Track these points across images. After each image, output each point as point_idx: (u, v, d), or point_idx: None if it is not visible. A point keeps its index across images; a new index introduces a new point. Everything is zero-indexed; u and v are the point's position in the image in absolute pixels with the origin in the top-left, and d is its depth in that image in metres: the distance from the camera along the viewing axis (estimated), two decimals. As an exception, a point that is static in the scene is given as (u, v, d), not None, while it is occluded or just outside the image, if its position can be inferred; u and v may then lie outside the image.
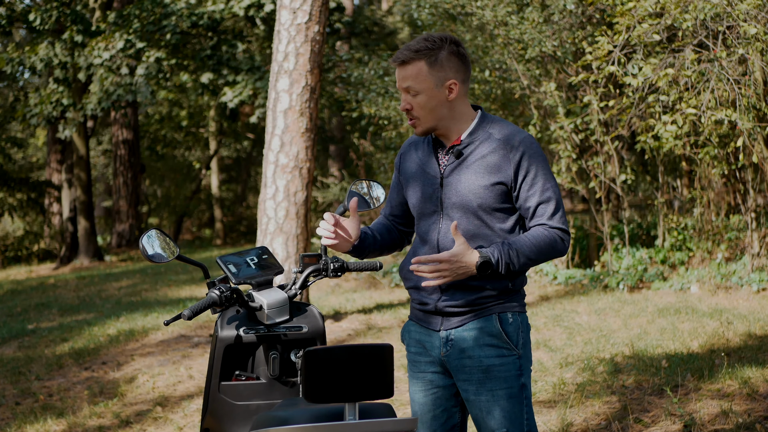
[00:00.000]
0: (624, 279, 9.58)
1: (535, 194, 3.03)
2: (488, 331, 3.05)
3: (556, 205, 3.04)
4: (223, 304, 3.22)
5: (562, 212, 3.06)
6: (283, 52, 8.47)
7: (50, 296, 13.51)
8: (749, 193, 9.52)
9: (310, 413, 2.83)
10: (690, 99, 8.68)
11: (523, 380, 3.07)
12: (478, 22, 11.56)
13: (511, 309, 3.08)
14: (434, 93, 3.04)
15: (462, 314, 3.08)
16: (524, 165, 3.02)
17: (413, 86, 3.03)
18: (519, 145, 3.03)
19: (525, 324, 3.11)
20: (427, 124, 3.08)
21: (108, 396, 6.74)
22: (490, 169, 3.03)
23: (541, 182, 3.03)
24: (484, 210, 3.04)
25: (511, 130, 3.07)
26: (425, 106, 3.04)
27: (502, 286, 3.04)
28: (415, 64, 3.03)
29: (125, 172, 22.94)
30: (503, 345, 3.04)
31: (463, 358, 3.07)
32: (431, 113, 3.06)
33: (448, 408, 3.20)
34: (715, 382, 5.68)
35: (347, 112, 16.02)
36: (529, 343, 3.12)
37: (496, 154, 3.03)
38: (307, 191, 8.48)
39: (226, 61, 17.53)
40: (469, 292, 3.04)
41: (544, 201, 3.03)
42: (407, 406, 5.89)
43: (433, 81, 3.03)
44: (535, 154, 3.04)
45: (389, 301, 10.06)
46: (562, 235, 3.03)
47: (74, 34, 16.94)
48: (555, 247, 3.02)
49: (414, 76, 3.03)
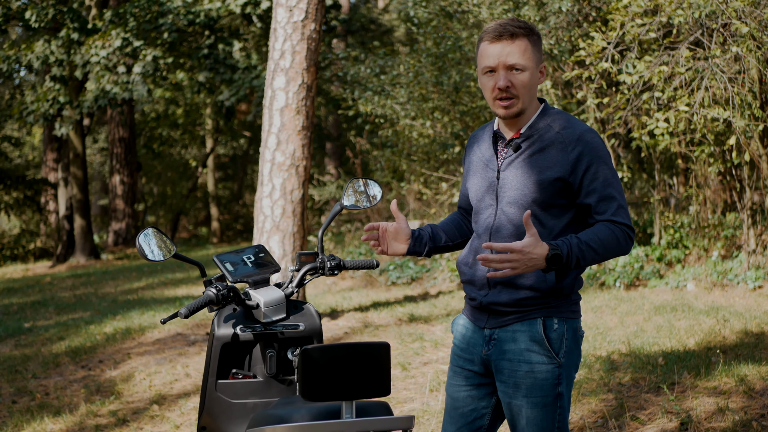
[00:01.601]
0: (620, 277, 9.58)
1: (596, 190, 2.93)
2: (530, 335, 2.97)
3: (620, 201, 2.94)
4: (219, 302, 3.22)
5: (626, 209, 2.96)
6: (279, 49, 8.47)
7: (46, 294, 13.50)
8: (745, 191, 9.52)
9: (307, 411, 2.83)
10: (683, 96, 8.69)
11: (561, 389, 2.98)
12: (474, 19, 11.56)
13: (558, 314, 2.98)
14: (534, 73, 2.97)
15: (507, 314, 3.00)
16: (584, 160, 2.92)
17: (520, 62, 2.93)
18: (579, 139, 2.94)
19: (572, 331, 3.00)
20: (522, 105, 2.97)
21: (105, 394, 6.73)
22: (548, 163, 2.94)
23: (602, 178, 2.93)
24: (539, 205, 2.95)
25: (572, 124, 2.99)
26: (527, 85, 2.95)
27: (547, 287, 2.95)
28: (523, 40, 2.94)
29: (121, 170, 22.92)
30: (544, 352, 2.96)
31: (503, 359, 3.00)
32: (529, 93, 2.96)
33: (478, 408, 3.14)
34: (712, 379, 5.69)
35: (343, 110, 16.03)
36: (574, 352, 3.02)
37: (554, 149, 2.95)
38: (303, 189, 8.48)
39: (223, 60, 17.52)
40: (516, 291, 2.96)
41: (607, 197, 2.93)
42: (404, 404, 5.90)
43: (534, 60, 2.97)
44: (596, 149, 2.94)
45: (386, 300, 10.06)
46: (628, 231, 2.93)
47: (71, 31, 16.92)
48: (620, 244, 2.91)
49: (522, 52, 2.93)
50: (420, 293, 10.50)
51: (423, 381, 6.37)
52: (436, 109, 12.03)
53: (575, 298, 3.04)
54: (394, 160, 13.26)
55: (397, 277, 11.48)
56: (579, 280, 3.04)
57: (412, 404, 5.85)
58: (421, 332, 7.99)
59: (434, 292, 10.43)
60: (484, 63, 2.98)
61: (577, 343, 3.03)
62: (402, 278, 11.46)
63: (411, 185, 13.25)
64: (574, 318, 3.02)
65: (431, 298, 10.01)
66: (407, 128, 12.62)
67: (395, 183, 13.63)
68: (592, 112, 9.82)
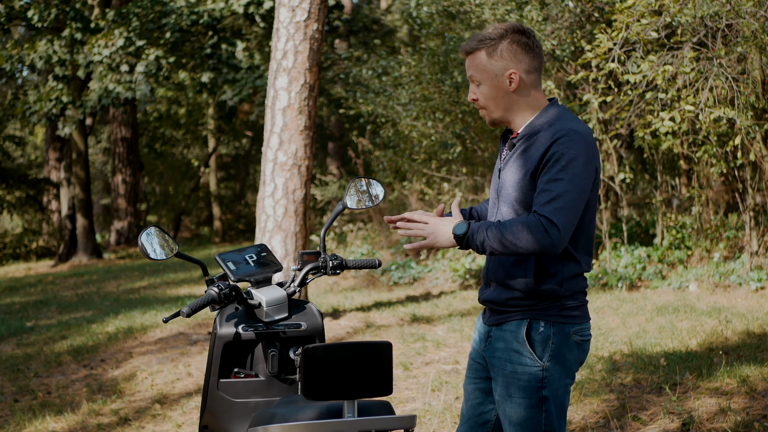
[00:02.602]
0: (622, 277, 9.58)
1: (542, 182, 2.85)
2: (516, 336, 2.97)
3: (557, 195, 2.81)
4: (222, 301, 3.22)
5: (560, 204, 2.80)
6: (281, 49, 8.47)
7: (49, 294, 13.52)
8: (748, 192, 9.52)
9: (309, 410, 2.83)
10: (688, 96, 8.69)
11: (546, 393, 2.95)
12: (477, 20, 11.56)
13: (545, 317, 2.95)
14: (495, 83, 3.01)
15: (501, 312, 3.02)
16: (550, 156, 2.86)
17: (475, 76, 3.04)
18: (554, 134, 2.89)
19: (561, 335, 2.96)
20: (493, 114, 3.06)
21: (107, 393, 6.74)
22: (527, 161, 2.94)
23: (555, 170, 2.83)
24: (521, 204, 2.96)
25: (560, 121, 2.94)
26: (488, 96, 3.03)
27: (528, 289, 2.94)
28: (477, 55, 3.03)
29: (124, 169, 22.94)
30: (527, 353, 2.95)
31: (494, 357, 3.02)
32: (494, 103, 3.03)
33: (485, 402, 3.16)
34: (714, 380, 5.69)
35: (344, 110, 16.03)
36: (567, 357, 2.98)
37: (534, 147, 2.93)
38: (305, 189, 8.49)
39: (226, 60, 17.53)
40: (505, 290, 2.99)
41: (545, 190, 2.83)
42: (405, 403, 5.90)
43: (492, 70, 3.01)
44: (568, 144, 2.86)
45: (387, 299, 10.06)
46: (546, 223, 2.77)
47: (73, 31, 16.94)
48: (532, 233, 2.77)
49: (475, 66, 3.03)
50: (422, 293, 10.50)
51: (425, 381, 6.37)
52: (437, 109, 12.03)
53: (570, 302, 2.99)
54: (397, 160, 13.27)
55: (399, 277, 11.48)
56: (574, 283, 2.98)
57: (414, 404, 5.85)
58: (423, 332, 7.99)
59: (436, 292, 10.43)
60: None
61: (570, 349, 2.98)
62: (404, 278, 11.46)
63: (413, 185, 13.25)
64: (565, 323, 2.97)
65: (433, 298, 10.01)
66: (409, 128, 12.62)
67: (397, 183, 13.63)
68: (594, 113, 9.81)
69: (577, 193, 2.84)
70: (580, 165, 2.85)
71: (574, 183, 2.83)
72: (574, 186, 2.83)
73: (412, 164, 13.08)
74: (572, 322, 2.99)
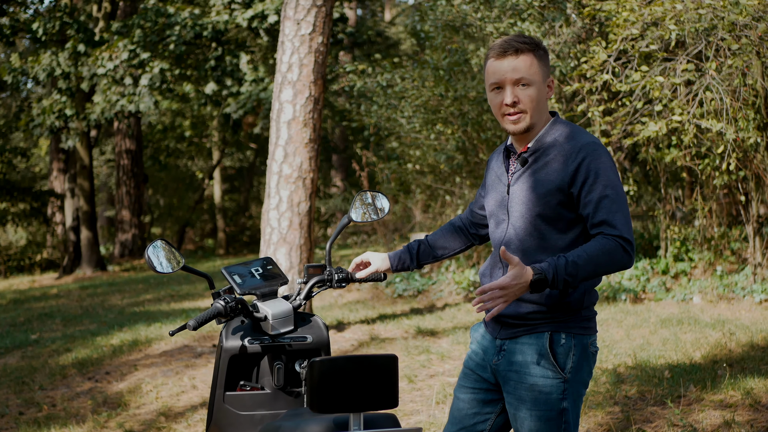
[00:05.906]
0: (626, 290, 9.59)
1: (592, 201, 2.86)
2: (537, 349, 2.96)
3: (617, 212, 2.84)
4: (228, 314, 3.23)
5: (624, 220, 2.85)
6: (287, 63, 8.51)
7: (53, 306, 13.53)
8: (751, 204, 9.53)
9: (315, 423, 2.84)
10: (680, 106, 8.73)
11: (566, 404, 2.96)
12: (480, 33, 11.60)
13: (566, 329, 2.96)
14: (541, 87, 2.98)
15: (516, 326, 3.01)
16: (583, 171, 2.87)
17: (527, 77, 2.94)
18: (580, 149, 2.90)
19: (580, 347, 2.98)
20: (530, 120, 2.97)
21: (111, 406, 6.75)
22: (549, 176, 2.92)
23: (600, 189, 2.85)
24: (544, 220, 2.94)
25: (576, 135, 2.96)
26: (535, 99, 2.96)
27: (552, 302, 2.93)
28: (528, 56, 2.95)
29: (128, 181, 22.99)
30: (549, 366, 2.94)
31: (510, 371, 3.01)
32: (537, 107, 2.96)
33: (482, 413, 3.15)
34: (718, 392, 5.69)
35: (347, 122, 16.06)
36: (584, 368, 3.00)
37: (556, 161, 2.92)
38: (310, 201, 8.51)
39: (230, 72, 17.58)
40: (519, 304, 2.97)
41: (602, 209, 2.85)
42: (410, 416, 5.90)
43: (541, 75, 2.97)
44: (597, 159, 2.89)
45: (392, 312, 10.07)
46: (622, 243, 2.81)
47: (77, 44, 17.00)
48: (614, 258, 2.80)
49: (527, 67, 2.94)
50: (426, 305, 10.51)
51: (429, 393, 6.37)
52: (440, 121, 12.05)
53: (587, 314, 3.01)
54: (400, 173, 13.29)
55: (404, 289, 11.49)
56: (592, 294, 3.01)
57: (419, 416, 5.86)
58: (428, 345, 7.99)
59: (440, 305, 10.44)
60: (491, 80, 2.99)
61: (587, 360, 3.01)
62: (408, 291, 11.47)
63: (417, 197, 13.27)
64: (584, 334, 3.00)
65: (437, 310, 10.01)
66: (412, 140, 12.64)
67: (402, 195, 13.65)
68: (597, 125, 9.84)
69: (624, 200, 2.89)
70: (613, 174, 2.91)
71: (618, 192, 2.88)
72: (619, 195, 2.88)
73: (415, 177, 13.10)
74: (589, 334, 3.02)
